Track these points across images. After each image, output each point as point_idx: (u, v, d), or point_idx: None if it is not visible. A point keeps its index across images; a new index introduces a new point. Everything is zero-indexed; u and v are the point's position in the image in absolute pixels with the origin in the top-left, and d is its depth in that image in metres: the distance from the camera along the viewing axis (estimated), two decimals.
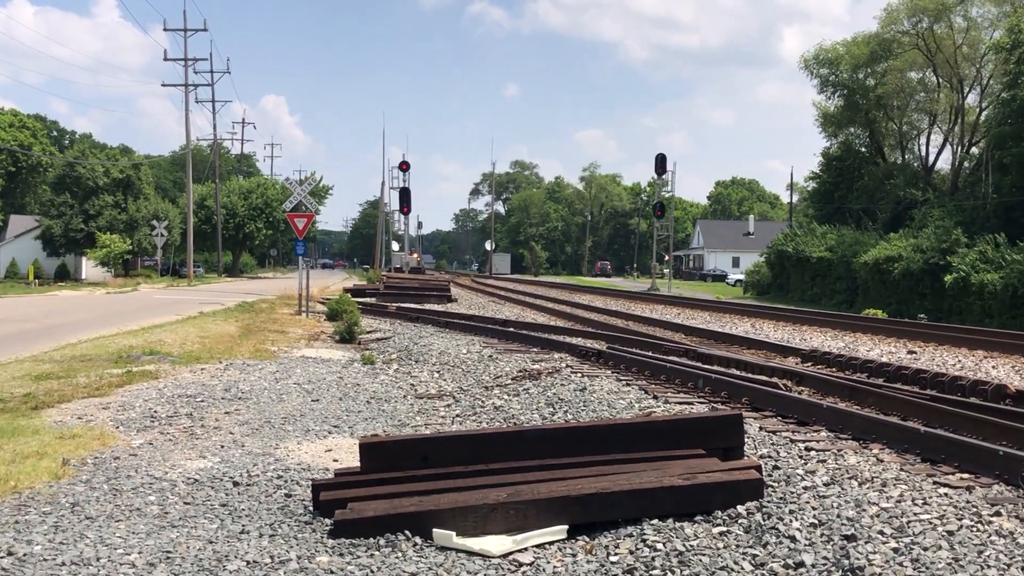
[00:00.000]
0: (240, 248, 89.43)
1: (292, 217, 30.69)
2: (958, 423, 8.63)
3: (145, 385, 13.62)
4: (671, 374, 12.66)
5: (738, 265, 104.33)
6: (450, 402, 12.85)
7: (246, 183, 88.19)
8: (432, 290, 41.07)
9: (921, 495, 6.71)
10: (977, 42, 50.88)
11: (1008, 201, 42.83)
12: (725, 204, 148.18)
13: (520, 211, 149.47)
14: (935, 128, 56.68)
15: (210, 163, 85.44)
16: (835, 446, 8.37)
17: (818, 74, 59.89)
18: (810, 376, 12.36)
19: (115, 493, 7.82)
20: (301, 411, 11.92)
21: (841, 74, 58.06)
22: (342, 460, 9.09)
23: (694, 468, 7.37)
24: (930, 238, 41.60)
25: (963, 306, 37.01)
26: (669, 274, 62.40)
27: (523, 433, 7.83)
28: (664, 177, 59.51)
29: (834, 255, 50.09)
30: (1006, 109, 44.54)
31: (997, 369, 14.92)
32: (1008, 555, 5.48)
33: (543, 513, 6.92)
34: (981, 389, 11.26)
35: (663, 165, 57.10)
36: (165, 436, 10.15)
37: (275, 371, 15.52)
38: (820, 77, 59.90)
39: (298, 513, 7.34)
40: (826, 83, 59.90)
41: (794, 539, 6.20)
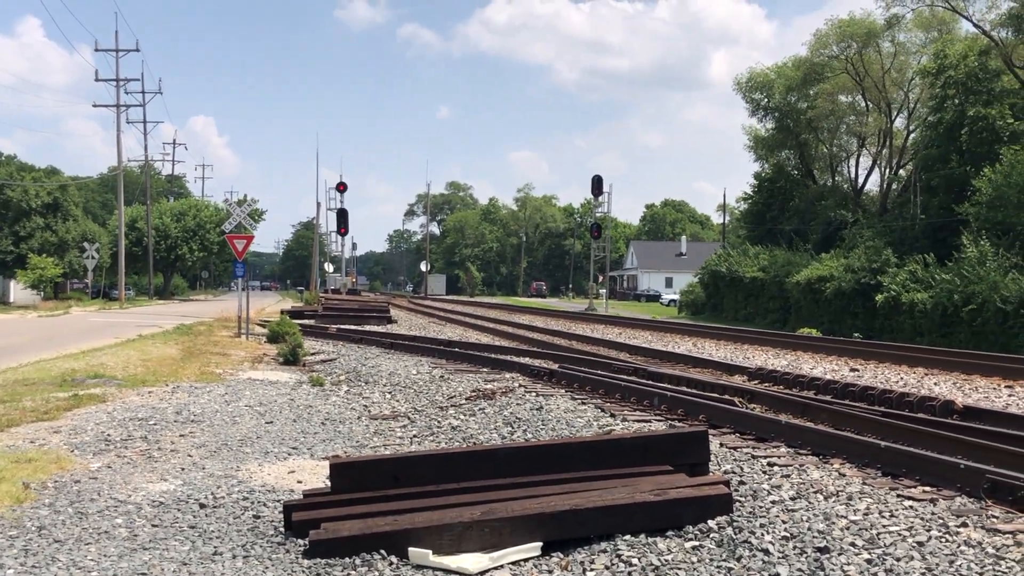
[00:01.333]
0: (172, 270, 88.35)
1: (231, 238, 30.41)
2: (912, 438, 8.85)
3: (94, 408, 13.42)
4: (626, 392, 12.79)
5: (671, 285, 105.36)
6: (405, 423, 12.86)
7: (179, 204, 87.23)
8: (372, 311, 40.95)
9: (887, 508, 6.89)
10: (904, 67, 52.14)
11: (936, 222, 43.85)
12: (658, 225, 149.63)
13: (455, 232, 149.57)
14: (864, 151, 57.92)
15: (141, 185, 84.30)
16: (796, 461, 8.55)
17: (750, 98, 60.91)
18: (761, 393, 12.56)
19: (81, 516, 7.73)
20: (257, 433, 11.84)
21: (773, 97, 59.09)
22: (307, 481, 9.07)
23: (664, 484, 7.49)
24: (861, 258, 42.41)
25: (894, 325, 37.75)
26: (605, 295, 62.76)
27: (493, 452, 7.88)
28: (600, 199, 60.04)
29: (767, 275, 50.84)
30: (933, 132, 45.68)
31: (939, 386, 15.28)
32: (979, 564, 5.66)
33: (518, 530, 6.98)
34: (929, 405, 11.54)
35: (599, 187, 57.58)
36: (123, 459, 10.03)
37: (224, 393, 15.39)
38: (752, 101, 60.92)
39: (269, 534, 7.32)
40: (758, 107, 60.93)
41: (767, 552, 6.33)
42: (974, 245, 35.56)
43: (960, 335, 32.48)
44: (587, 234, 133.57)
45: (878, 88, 51.79)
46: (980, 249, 35.02)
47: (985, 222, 37.19)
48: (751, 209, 65.60)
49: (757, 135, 62.83)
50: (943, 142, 44.42)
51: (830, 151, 60.30)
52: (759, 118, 61.67)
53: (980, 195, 37.73)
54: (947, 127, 43.68)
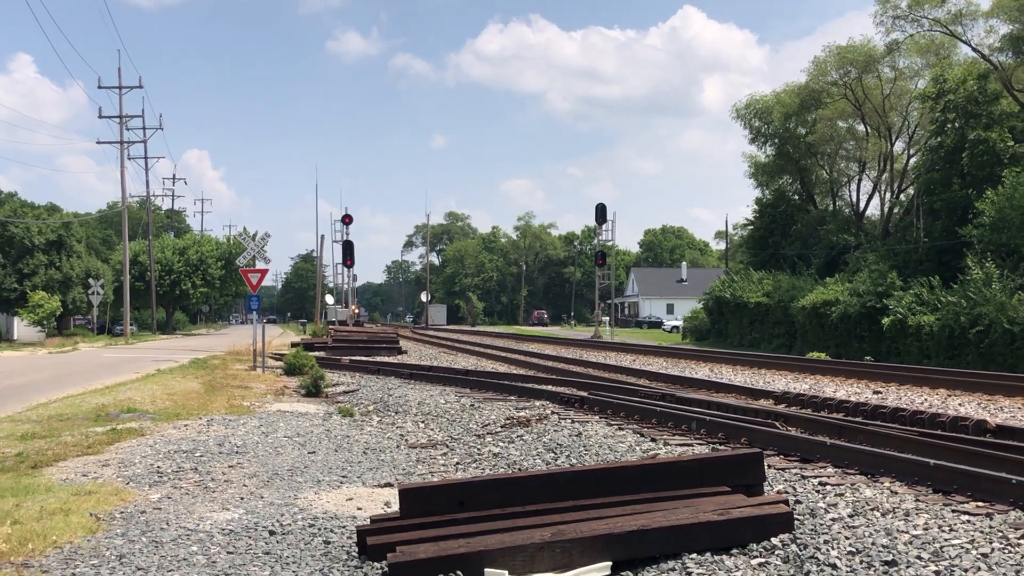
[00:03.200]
0: (174, 305, 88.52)
1: (246, 272, 30.71)
2: (954, 456, 9.09)
3: (135, 442, 13.64)
4: (662, 417, 13.03)
5: (673, 312, 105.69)
6: (445, 451, 13.08)
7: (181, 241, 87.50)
8: (381, 342, 41.19)
9: (946, 522, 7.14)
10: (904, 91, 52.62)
11: (939, 244, 44.19)
12: (657, 252, 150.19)
13: (455, 262, 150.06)
14: (865, 175, 58.37)
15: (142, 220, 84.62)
16: (847, 480, 8.79)
17: (749, 124, 61.42)
18: (794, 416, 12.81)
19: (156, 545, 7.95)
20: (304, 463, 12.06)
21: (772, 124, 59.59)
22: (366, 508, 9.28)
23: (725, 504, 7.73)
24: (866, 282, 42.70)
25: (901, 348, 38.00)
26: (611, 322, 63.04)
27: (555, 475, 8.12)
28: (604, 227, 60.43)
29: (771, 300, 51.11)
30: (934, 156, 46.09)
31: (964, 406, 15.55)
32: None
33: (587, 551, 7.21)
34: (963, 425, 11.80)
35: (603, 215, 58.01)
36: (180, 490, 10.26)
37: (259, 425, 15.61)
38: (751, 127, 61.42)
39: (343, 559, 7.53)
40: (757, 133, 61.42)
41: (835, 567, 6.56)
42: (979, 267, 35.86)
43: (968, 357, 32.73)
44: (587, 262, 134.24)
45: (878, 113, 52.28)
46: (985, 271, 35.31)
47: (989, 244, 37.50)
48: (753, 234, 65.96)
49: (756, 161, 63.30)
50: (944, 165, 44.82)
51: (831, 176, 60.76)
52: (759, 145, 62.20)
53: (983, 217, 38.07)
54: (948, 150, 44.09)
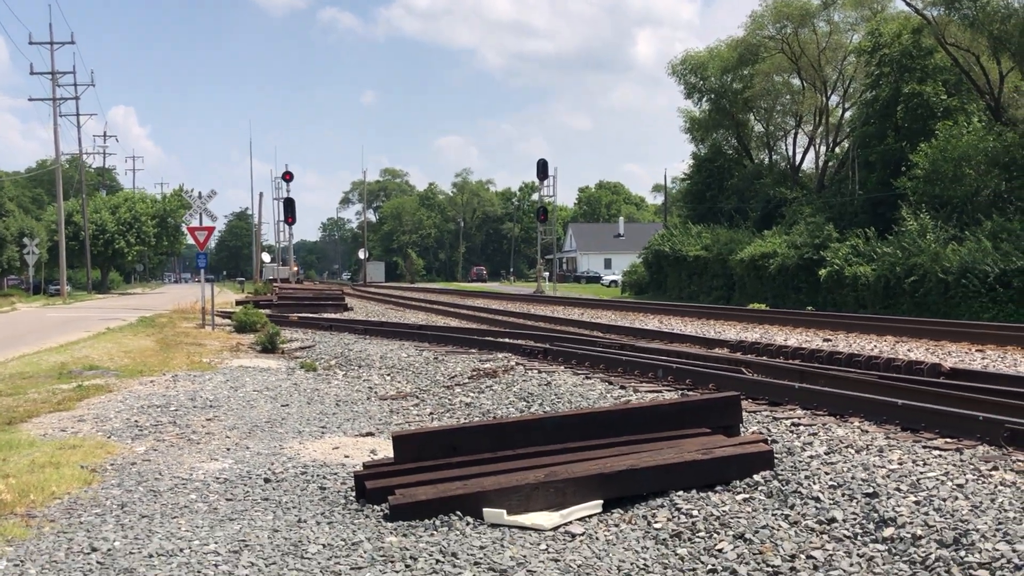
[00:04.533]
0: (109, 264, 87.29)
1: (192, 230, 30.70)
2: (917, 397, 9.51)
3: (104, 398, 13.73)
4: (627, 366, 13.39)
5: (610, 266, 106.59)
6: (416, 402, 13.37)
7: (114, 198, 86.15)
8: (327, 300, 41.19)
9: (919, 457, 7.56)
10: (839, 46, 53.30)
11: (874, 197, 45.07)
12: (594, 207, 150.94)
13: (392, 219, 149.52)
14: (800, 129, 59.14)
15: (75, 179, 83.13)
16: (817, 421, 9.20)
17: (685, 80, 61.77)
18: (754, 363, 13.25)
19: (154, 494, 8.13)
20: (280, 416, 12.26)
21: (709, 79, 60.01)
22: (353, 456, 9.53)
23: (708, 444, 8.10)
24: (803, 234, 43.49)
25: (838, 298, 38.82)
26: (552, 277, 63.51)
27: (543, 420, 8.43)
28: (546, 182, 60.67)
29: (710, 253, 51.80)
30: (869, 109, 46.88)
31: (913, 352, 16.14)
32: (1020, 499, 6.33)
33: (580, 490, 7.55)
34: (917, 368, 12.33)
35: (544, 170, 58.26)
36: (164, 443, 10.42)
37: (225, 381, 15.73)
38: (687, 83, 61.77)
39: (341, 503, 7.78)
40: (693, 89, 61.81)
41: (819, 499, 6.96)
42: (913, 218, 36.72)
43: (903, 306, 33.59)
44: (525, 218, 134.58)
45: (814, 67, 52.92)
46: (920, 222, 36.19)
47: (923, 196, 38.37)
48: (690, 189, 66.58)
49: (692, 116, 63.73)
50: (879, 119, 45.62)
51: (767, 130, 61.48)
52: (695, 100, 62.60)
53: (917, 170, 38.92)
54: (883, 104, 44.87)
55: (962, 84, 43.06)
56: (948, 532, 5.95)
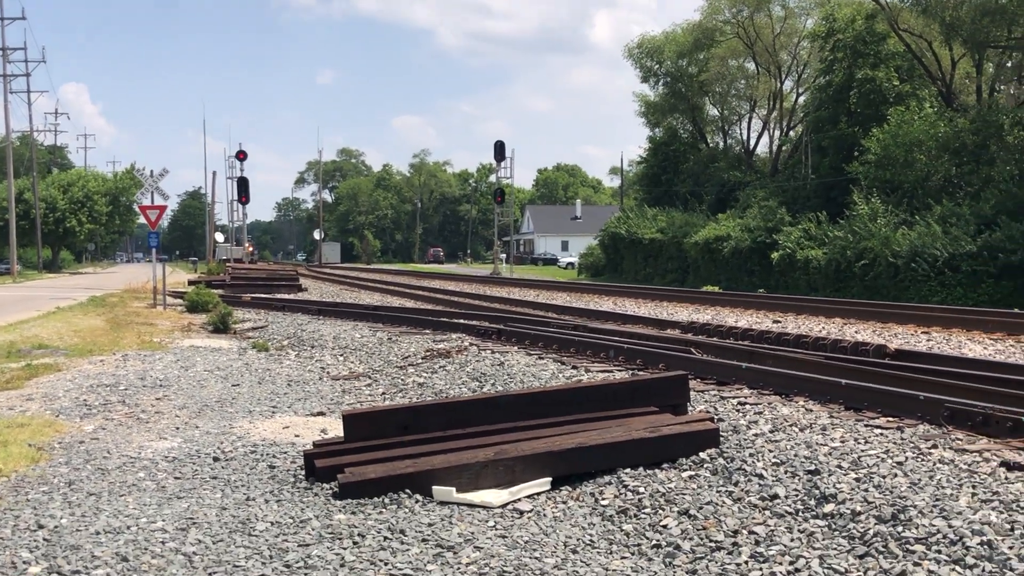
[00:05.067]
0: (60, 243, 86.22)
1: (144, 209, 30.41)
2: (861, 377, 9.68)
3: (53, 377, 13.62)
4: (580, 346, 13.49)
5: (567, 248, 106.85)
6: (369, 382, 13.37)
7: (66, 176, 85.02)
8: (281, 280, 41.00)
9: (861, 435, 7.71)
10: (793, 30, 53.78)
11: (827, 181, 45.51)
12: (551, 189, 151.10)
13: (348, 199, 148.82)
14: (755, 113, 59.63)
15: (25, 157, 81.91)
16: (763, 400, 9.35)
17: (640, 63, 61.98)
18: (704, 343, 13.40)
19: (102, 472, 8.10)
20: (230, 395, 12.22)
21: (665, 63, 60.27)
22: (303, 435, 9.53)
23: (655, 423, 8.20)
24: (756, 218, 43.88)
25: (789, 281, 39.23)
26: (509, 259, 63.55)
27: (495, 399, 8.48)
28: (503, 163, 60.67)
29: (665, 236, 52.12)
30: (822, 94, 47.28)
31: (860, 334, 16.37)
32: (957, 478, 6.47)
33: (529, 468, 7.62)
34: (863, 349, 12.52)
35: (502, 152, 58.19)
36: (113, 422, 10.36)
37: (176, 360, 15.64)
38: (643, 67, 62.00)
39: (291, 481, 7.79)
40: (649, 72, 62.05)
41: (762, 476, 7.08)
42: (865, 203, 37.12)
43: (853, 289, 33.99)
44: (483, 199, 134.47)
45: (768, 52, 53.34)
46: (871, 206, 36.59)
47: (874, 180, 38.78)
48: (646, 172, 66.89)
49: (647, 101, 63.96)
50: (832, 104, 46.02)
51: (722, 114, 61.93)
52: (651, 84, 62.86)
53: (869, 155, 39.32)
54: (836, 89, 45.26)
55: (914, 70, 43.54)
56: (887, 508, 6.07)
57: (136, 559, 5.89)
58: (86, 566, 5.75)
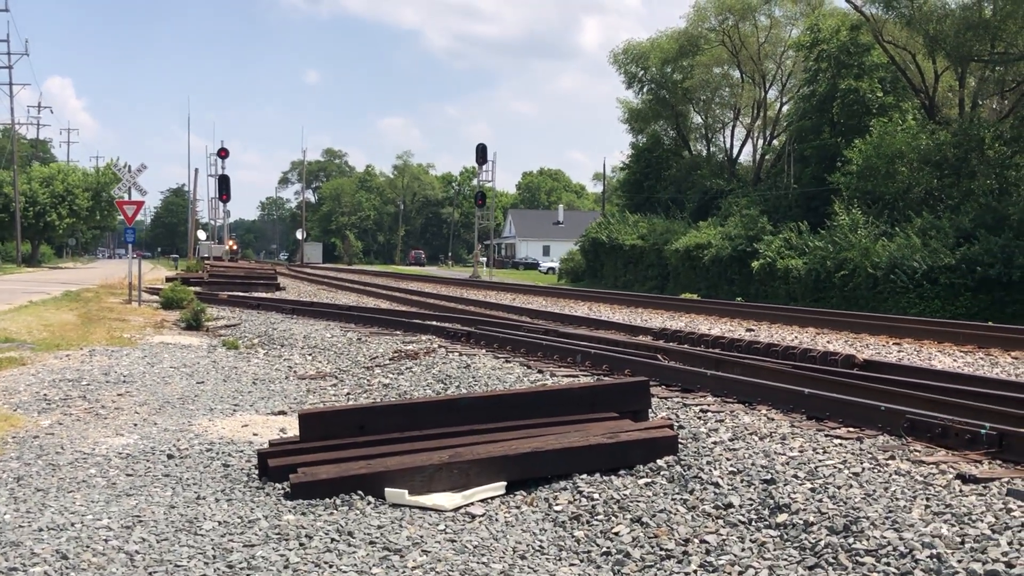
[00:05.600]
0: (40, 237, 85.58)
1: (121, 204, 30.11)
2: (825, 387, 9.62)
3: (16, 371, 13.45)
4: (547, 350, 13.40)
5: (549, 253, 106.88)
6: (335, 382, 13.26)
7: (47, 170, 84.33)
8: (259, 279, 40.80)
9: (820, 445, 7.65)
10: (779, 40, 53.89)
11: (808, 191, 45.62)
12: (534, 194, 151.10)
13: (331, 200, 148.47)
14: (738, 122, 59.70)
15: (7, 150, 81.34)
16: (726, 408, 9.28)
17: (625, 69, 62.02)
18: (674, 351, 13.31)
19: (53, 468, 7.97)
20: (193, 392, 12.09)
21: (650, 70, 60.32)
22: (261, 434, 9.42)
23: (614, 428, 8.12)
24: (737, 226, 43.91)
25: (769, 290, 39.27)
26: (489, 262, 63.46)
27: (454, 401, 8.38)
28: (484, 167, 60.58)
29: (646, 243, 52.13)
30: (806, 104, 47.41)
31: (832, 344, 16.34)
32: (911, 489, 6.41)
33: (483, 471, 7.52)
34: (832, 359, 12.47)
35: (484, 155, 58.13)
36: (71, 417, 10.23)
37: (143, 356, 15.49)
38: (628, 73, 62.05)
39: (244, 480, 7.69)
40: (634, 79, 62.10)
41: (718, 485, 7.01)
42: (846, 213, 37.21)
43: (832, 299, 34.03)
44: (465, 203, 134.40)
45: (753, 61, 53.46)
46: (851, 217, 36.68)
47: (856, 191, 38.88)
48: (628, 178, 66.89)
49: (631, 107, 63.99)
50: (815, 114, 46.15)
51: (705, 122, 62.05)
52: (635, 90, 62.90)
53: (851, 165, 39.42)
54: (819, 99, 45.39)
55: (898, 82, 43.70)
56: (839, 519, 6.00)
57: (76, 557, 5.78)
58: (24, 563, 5.63)
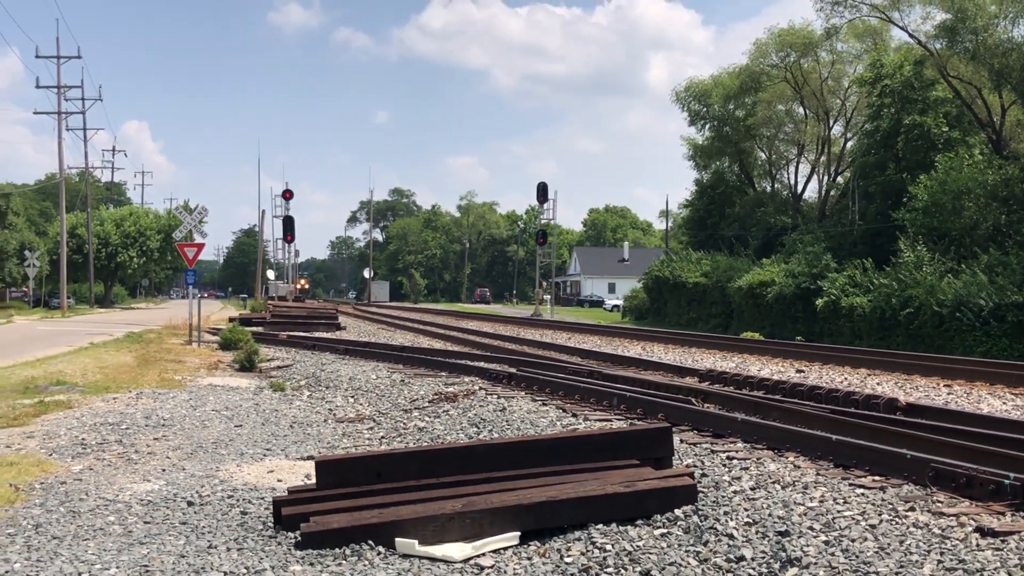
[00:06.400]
0: (112, 278, 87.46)
1: (182, 247, 30.50)
2: (860, 433, 9.39)
3: (62, 414, 13.64)
4: (585, 393, 13.27)
5: (614, 291, 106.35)
6: (372, 425, 13.24)
7: (118, 212, 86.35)
8: (320, 318, 41.12)
9: (841, 495, 7.43)
10: (842, 75, 53.29)
11: (873, 228, 44.95)
12: (600, 231, 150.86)
13: (398, 239, 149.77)
14: (803, 158, 59.07)
15: (81, 192, 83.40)
16: (754, 455, 9.08)
17: (688, 107, 61.83)
18: (715, 393, 13.11)
19: (74, 515, 8.03)
20: (229, 436, 12.15)
21: (712, 106, 60.05)
22: (286, 480, 9.41)
23: (632, 476, 7.97)
24: (801, 263, 43.36)
25: (834, 328, 38.67)
26: (551, 300, 63.38)
27: (472, 448, 8.31)
28: (545, 205, 60.69)
29: (709, 280, 51.70)
30: (870, 140, 46.83)
31: (882, 385, 15.98)
32: (926, 542, 6.19)
33: (497, 521, 7.41)
34: (874, 403, 12.18)
35: (544, 193, 58.25)
36: (103, 462, 10.31)
37: (188, 399, 15.64)
38: (691, 110, 61.84)
39: (259, 528, 7.66)
40: (697, 116, 61.87)
41: (732, 536, 6.83)
42: (911, 250, 36.59)
43: (898, 338, 33.41)
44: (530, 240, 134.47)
45: (816, 96, 52.94)
46: (917, 254, 36.05)
47: (921, 228, 38.24)
48: (692, 215, 66.51)
49: (695, 144, 63.73)
50: (880, 149, 45.56)
51: (769, 158, 61.47)
52: (698, 127, 62.65)
53: (916, 201, 38.80)
54: (884, 135, 44.82)
55: (963, 116, 43.01)
56: (848, 574, 5.80)
57: None
58: None
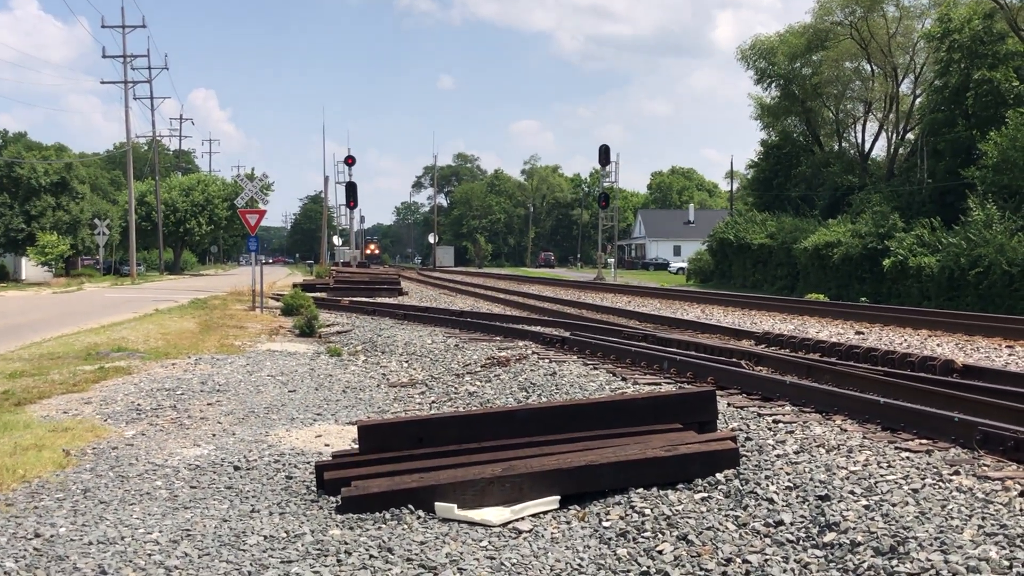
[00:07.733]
0: (181, 245, 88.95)
1: (244, 213, 30.91)
2: (911, 395, 9.24)
3: (120, 380, 13.89)
4: (636, 357, 13.19)
5: (679, 253, 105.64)
6: (423, 389, 13.32)
7: (187, 179, 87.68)
8: (382, 284, 41.37)
9: (885, 459, 7.30)
10: (910, 31, 52.07)
11: (942, 186, 44.04)
12: (665, 193, 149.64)
13: (462, 204, 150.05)
14: (870, 116, 57.94)
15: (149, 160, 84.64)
16: (800, 418, 8.96)
17: (754, 65, 60.90)
18: (768, 356, 12.97)
19: (122, 479, 8.17)
20: (281, 401, 12.29)
21: (778, 65, 59.06)
22: (334, 444, 9.50)
23: (674, 441, 7.90)
24: (868, 223, 42.61)
25: (901, 289, 38.04)
26: (614, 264, 63.12)
27: (513, 413, 8.30)
28: (608, 168, 60.32)
29: (775, 242, 51.08)
30: (938, 96, 45.75)
31: (942, 347, 15.68)
32: (968, 508, 6.06)
33: (536, 485, 7.40)
34: (930, 365, 11.95)
35: (607, 156, 57.79)
36: (155, 427, 10.49)
37: (245, 364, 15.84)
38: (757, 69, 60.90)
39: (302, 493, 7.74)
40: (763, 75, 60.91)
41: (772, 501, 6.74)
42: (980, 208, 35.78)
43: (967, 298, 32.78)
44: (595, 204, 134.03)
45: (883, 53, 51.80)
46: (987, 212, 35.25)
47: (991, 185, 37.36)
48: (758, 176, 65.65)
49: (762, 103, 62.81)
50: (949, 106, 44.52)
51: (836, 117, 60.35)
52: (764, 86, 61.70)
53: (986, 158, 37.91)
54: (952, 91, 43.76)
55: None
56: (887, 539, 5.70)
57: (116, 572, 5.89)
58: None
